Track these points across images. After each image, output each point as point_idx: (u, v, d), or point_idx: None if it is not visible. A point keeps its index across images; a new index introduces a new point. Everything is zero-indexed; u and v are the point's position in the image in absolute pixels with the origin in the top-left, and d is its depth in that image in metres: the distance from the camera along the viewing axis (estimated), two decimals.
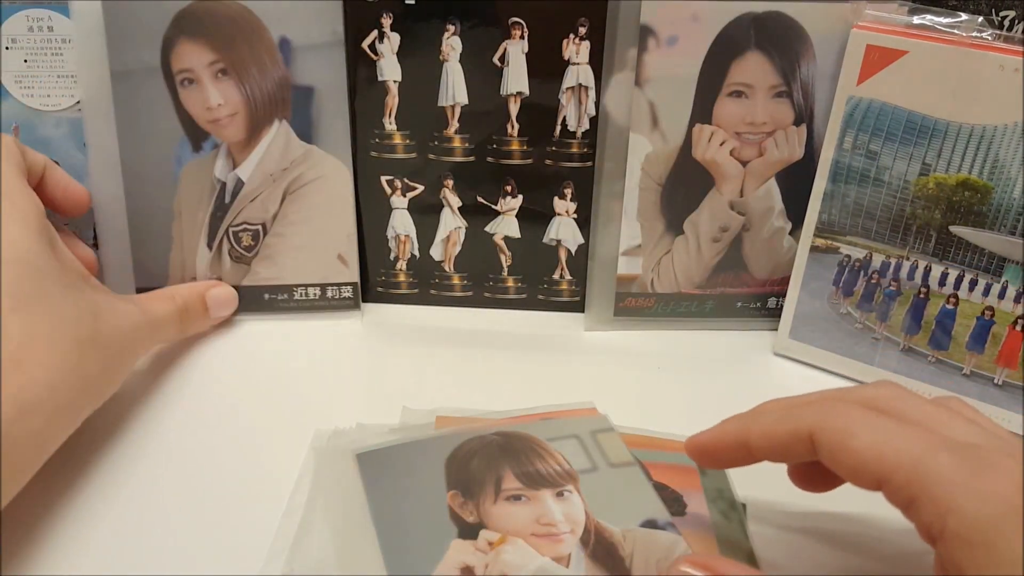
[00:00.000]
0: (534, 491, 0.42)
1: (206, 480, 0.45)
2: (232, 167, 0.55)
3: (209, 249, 0.57)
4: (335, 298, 0.58)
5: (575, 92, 0.55)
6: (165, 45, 0.52)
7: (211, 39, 0.52)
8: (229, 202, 0.56)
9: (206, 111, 0.54)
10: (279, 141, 0.55)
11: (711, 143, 0.55)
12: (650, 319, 0.60)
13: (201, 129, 0.54)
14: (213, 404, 0.51)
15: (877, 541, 0.43)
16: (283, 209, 0.56)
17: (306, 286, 0.58)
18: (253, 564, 0.39)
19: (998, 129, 0.47)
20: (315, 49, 0.53)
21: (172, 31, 0.52)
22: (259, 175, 0.55)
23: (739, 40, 0.52)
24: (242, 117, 0.54)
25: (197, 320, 0.54)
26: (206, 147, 0.55)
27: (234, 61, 0.53)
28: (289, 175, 0.55)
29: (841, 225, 0.53)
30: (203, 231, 0.56)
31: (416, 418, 0.49)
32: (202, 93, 0.53)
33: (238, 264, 0.57)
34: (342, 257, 0.58)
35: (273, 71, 0.53)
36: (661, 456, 0.46)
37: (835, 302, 0.55)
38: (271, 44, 0.53)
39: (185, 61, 0.52)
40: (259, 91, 0.53)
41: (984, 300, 0.50)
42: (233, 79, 0.53)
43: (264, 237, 0.57)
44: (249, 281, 0.58)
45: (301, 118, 0.54)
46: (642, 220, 0.57)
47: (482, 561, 0.38)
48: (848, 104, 0.50)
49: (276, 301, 0.58)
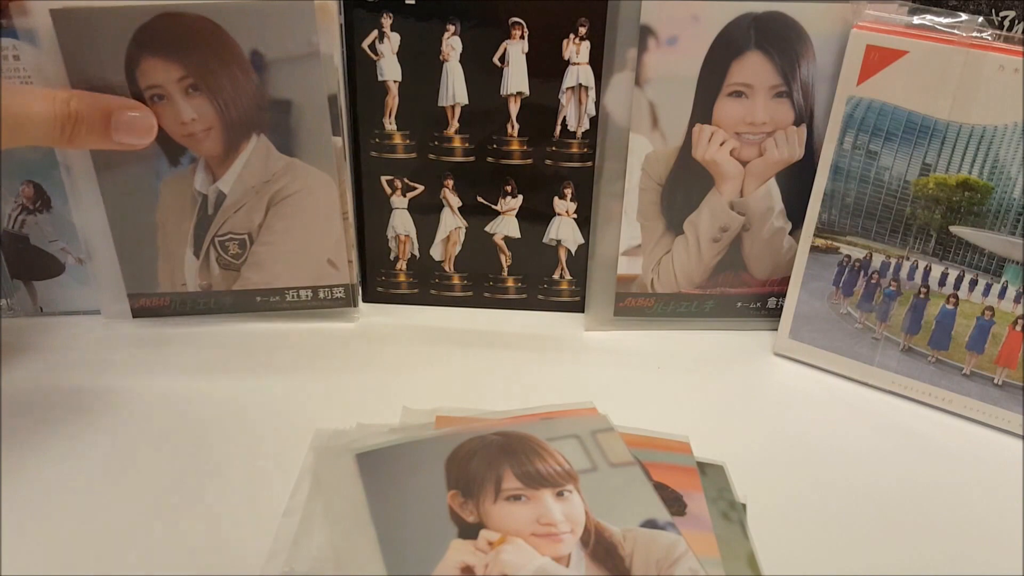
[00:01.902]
0: (534, 491, 0.42)
1: (206, 480, 0.45)
2: (212, 180, 0.54)
3: (196, 257, 0.56)
4: (327, 299, 0.58)
5: (575, 92, 0.55)
6: (128, 62, 0.50)
7: (177, 55, 0.50)
8: (212, 213, 0.55)
9: (180, 126, 0.52)
10: (258, 155, 0.53)
11: (711, 143, 0.55)
12: (650, 319, 0.60)
13: (176, 144, 0.53)
14: (213, 404, 0.51)
15: (877, 541, 0.43)
16: (268, 220, 0.55)
17: (297, 288, 0.58)
18: (253, 564, 0.39)
19: (998, 129, 0.47)
20: (290, 62, 0.51)
21: (133, 48, 0.50)
22: (240, 188, 0.54)
23: (739, 40, 0.52)
24: (218, 131, 0.52)
25: (90, 136, 0.49)
26: (184, 161, 0.54)
27: (204, 76, 0.51)
28: (271, 187, 0.54)
29: (841, 225, 0.53)
30: (189, 241, 0.56)
31: (416, 418, 0.49)
32: (174, 108, 0.51)
33: (227, 271, 0.57)
34: (332, 262, 0.57)
35: (247, 85, 0.51)
36: (661, 456, 0.46)
37: (835, 302, 0.55)
38: (242, 58, 0.51)
39: (151, 78, 0.51)
40: (233, 106, 0.52)
41: (984, 300, 0.50)
42: (205, 94, 0.51)
43: (251, 246, 0.56)
44: (240, 286, 0.58)
45: (280, 131, 0.53)
46: (642, 220, 0.57)
47: (482, 561, 0.38)
48: (848, 104, 0.50)
49: (268, 302, 0.58)
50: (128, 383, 0.52)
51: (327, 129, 0.53)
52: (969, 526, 0.44)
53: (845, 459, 0.49)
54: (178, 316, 0.58)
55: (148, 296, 0.57)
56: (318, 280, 0.58)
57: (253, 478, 0.45)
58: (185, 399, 0.51)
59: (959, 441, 0.51)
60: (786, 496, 0.46)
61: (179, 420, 0.49)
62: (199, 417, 0.50)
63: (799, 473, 0.47)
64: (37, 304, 0.58)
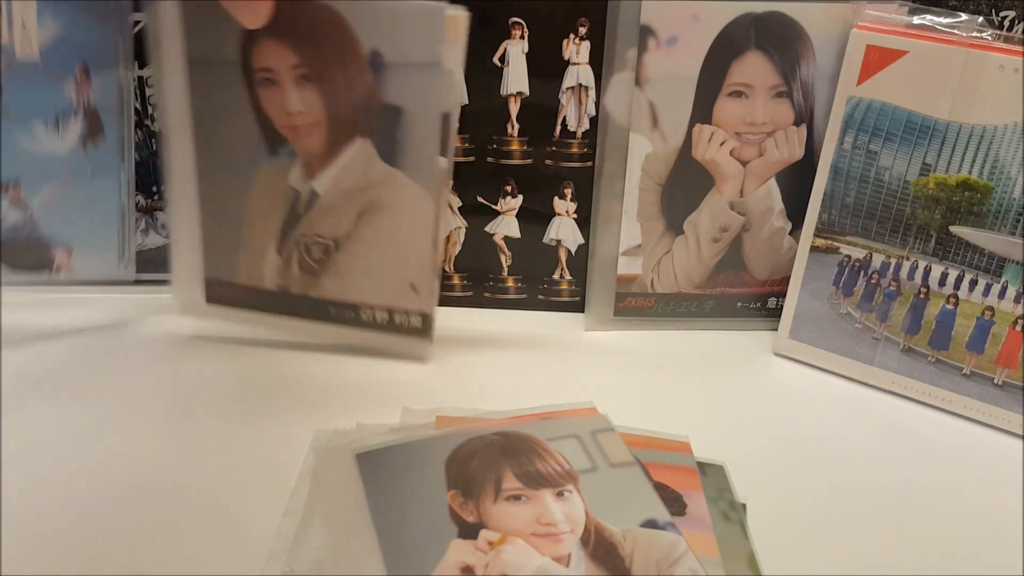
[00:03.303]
0: (534, 491, 0.42)
1: (206, 479, 0.45)
2: (308, 177, 0.52)
3: (278, 255, 0.54)
4: (404, 325, 0.54)
5: (575, 92, 0.55)
6: (246, 39, 0.49)
7: (296, 41, 0.48)
8: (302, 212, 0.53)
9: (285, 115, 0.50)
10: (360, 159, 0.51)
11: (711, 143, 0.55)
12: (650, 319, 0.60)
13: (278, 133, 0.51)
14: (214, 404, 0.51)
15: (877, 540, 0.43)
16: (358, 228, 0.52)
17: (374, 307, 0.54)
18: (253, 564, 0.39)
19: (998, 129, 0.47)
20: (409, 68, 0.48)
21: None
22: (336, 191, 0.52)
23: (739, 40, 0.52)
24: (322, 128, 0.50)
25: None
26: (282, 152, 0.51)
27: (318, 68, 0.49)
28: (367, 195, 0.51)
29: (841, 225, 0.53)
30: (274, 237, 0.54)
31: (416, 418, 0.49)
32: (282, 96, 0.50)
33: (306, 274, 0.54)
34: (414, 286, 0.53)
35: (360, 85, 0.49)
36: (661, 456, 0.46)
37: (835, 302, 0.55)
38: (361, 56, 0.48)
39: (266, 60, 0.49)
40: (342, 104, 0.49)
41: (984, 300, 0.50)
42: (316, 87, 0.49)
43: (335, 253, 0.53)
44: (316, 293, 0.55)
45: (386, 139, 0.50)
46: (642, 220, 0.57)
47: (482, 561, 0.38)
48: (848, 104, 0.50)
49: (341, 316, 0.55)
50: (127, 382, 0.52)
51: (435, 145, 0.50)
52: (969, 526, 0.44)
53: (845, 459, 0.49)
54: (251, 311, 0.56)
55: (225, 285, 0.55)
56: (396, 302, 0.54)
57: (253, 478, 0.45)
58: (185, 397, 0.51)
59: (959, 441, 0.51)
60: (786, 496, 0.46)
61: (178, 419, 0.49)
62: (199, 416, 0.50)
63: (799, 473, 0.47)
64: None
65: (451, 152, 0.50)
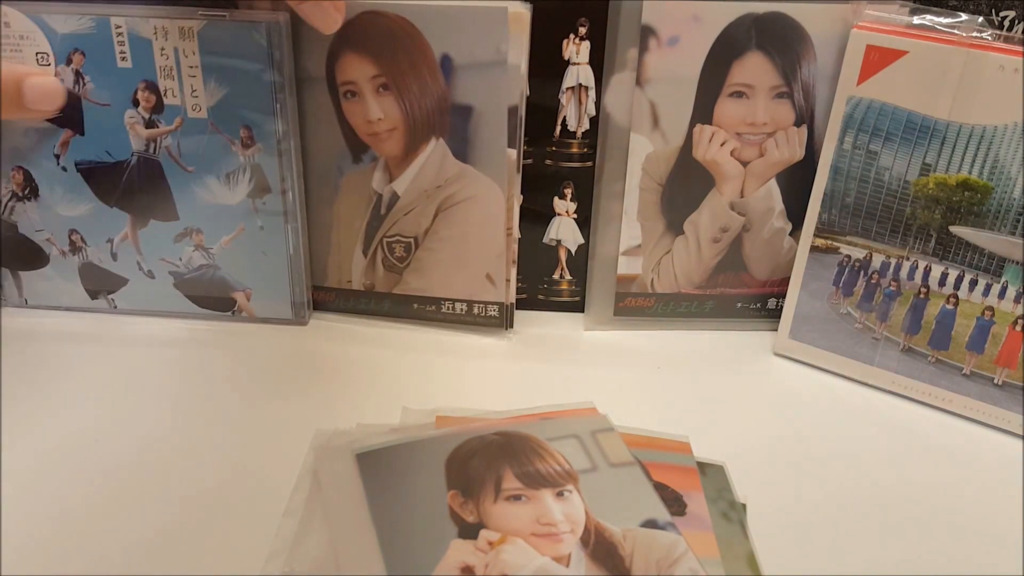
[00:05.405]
0: (534, 491, 0.42)
1: (207, 480, 0.45)
2: (389, 180, 0.55)
3: (364, 256, 0.57)
4: (481, 315, 0.58)
5: (575, 92, 0.55)
6: (330, 56, 0.52)
7: (374, 53, 0.51)
8: (384, 213, 0.56)
9: (366, 124, 0.53)
10: (435, 159, 0.54)
11: (712, 143, 0.55)
12: (650, 319, 0.60)
13: (361, 141, 0.54)
14: (214, 403, 0.51)
15: (877, 541, 0.43)
16: (435, 225, 0.55)
17: (453, 300, 0.58)
18: (253, 564, 0.39)
19: (998, 129, 0.47)
20: (477, 68, 0.51)
21: (337, 42, 0.51)
22: (414, 190, 0.55)
23: (740, 40, 0.52)
24: (400, 133, 0.53)
25: (8, 106, 0.49)
26: (365, 159, 0.54)
27: (395, 77, 0.52)
28: (443, 192, 0.54)
29: (841, 225, 0.53)
30: (359, 238, 0.57)
31: (416, 418, 0.49)
32: (364, 106, 0.53)
33: (390, 272, 0.57)
34: (490, 276, 0.56)
35: (433, 88, 0.52)
36: (661, 456, 0.46)
37: (835, 302, 0.55)
38: (433, 61, 0.51)
39: (349, 73, 0.52)
40: (418, 108, 0.52)
41: (984, 300, 0.50)
42: (393, 94, 0.52)
43: (416, 250, 0.56)
44: (400, 290, 0.58)
45: (457, 137, 0.53)
46: (642, 220, 0.57)
47: (482, 561, 0.38)
48: (848, 104, 0.50)
49: (424, 311, 0.58)
50: (127, 382, 0.52)
51: (503, 139, 0.53)
52: (969, 526, 0.44)
53: (845, 459, 0.49)
54: (341, 313, 0.59)
55: (316, 289, 0.59)
56: (474, 294, 0.57)
57: (253, 478, 0.45)
58: (185, 397, 0.51)
59: (959, 441, 0.51)
60: (786, 496, 0.46)
61: (178, 419, 0.49)
62: (199, 416, 0.50)
63: (799, 473, 0.47)
64: (23, 296, 0.58)
65: (519, 144, 0.53)
